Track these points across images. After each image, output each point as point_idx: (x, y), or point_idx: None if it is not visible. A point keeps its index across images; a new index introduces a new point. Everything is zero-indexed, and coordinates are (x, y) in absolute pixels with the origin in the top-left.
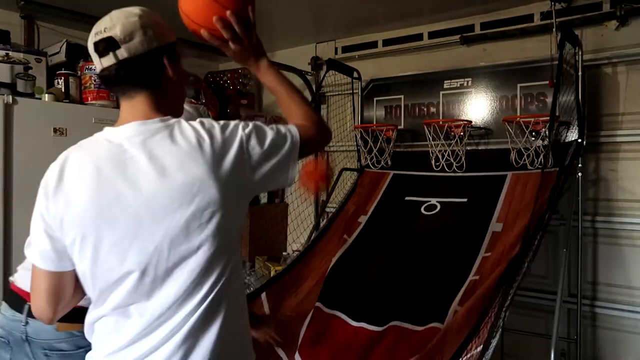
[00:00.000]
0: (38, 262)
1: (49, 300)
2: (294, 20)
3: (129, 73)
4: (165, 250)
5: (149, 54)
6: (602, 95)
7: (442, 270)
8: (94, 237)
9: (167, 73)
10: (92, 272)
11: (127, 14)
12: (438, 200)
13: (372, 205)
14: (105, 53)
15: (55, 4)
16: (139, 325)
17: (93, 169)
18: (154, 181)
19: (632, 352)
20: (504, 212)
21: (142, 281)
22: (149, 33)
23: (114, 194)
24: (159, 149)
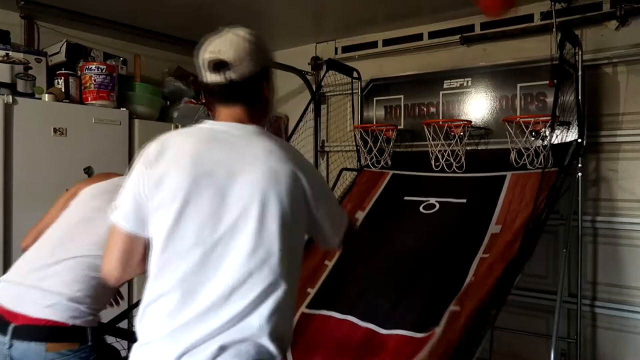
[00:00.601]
0: (120, 222)
1: (119, 260)
2: (294, 20)
3: (233, 91)
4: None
5: (253, 77)
6: (602, 95)
7: (440, 273)
8: (182, 201)
9: (263, 92)
10: (167, 238)
11: (241, 39)
12: (437, 199)
13: (369, 202)
14: (216, 72)
15: (55, 4)
16: (200, 304)
17: (195, 144)
18: (246, 164)
19: (632, 352)
20: (503, 213)
21: (209, 257)
22: (255, 59)
23: (209, 168)
24: (257, 144)
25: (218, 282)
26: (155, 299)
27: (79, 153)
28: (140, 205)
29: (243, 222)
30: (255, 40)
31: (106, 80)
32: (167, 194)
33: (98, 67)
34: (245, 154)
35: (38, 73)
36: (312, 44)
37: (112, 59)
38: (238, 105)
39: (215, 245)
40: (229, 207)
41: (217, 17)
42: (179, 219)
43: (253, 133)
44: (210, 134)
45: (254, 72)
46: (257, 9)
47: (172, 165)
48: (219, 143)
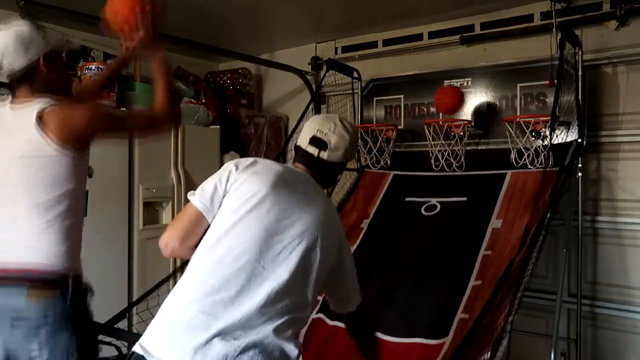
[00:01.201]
0: (195, 199)
1: (180, 232)
2: (294, 20)
3: (317, 164)
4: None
5: (337, 164)
6: (602, 95)
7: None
8: (258, 201)
9: (337, 178)
10: (231, 227)
11: (345, 132)
12: (438, 200)
13: (373, 207)
14: (315, 146)
15: (55, 4)
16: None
17: (280, 169)
18: (313, 204)
19: (632, 352)
20: (503, 209)
21: (256, 267)
22: (348, 153)
23: (286, 191)
24: (322, 194)
25: (270, 281)
26: (205, 275)
27: None
28: (217, 194)
29: (292, 246)
30: (355, 136)
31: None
32: (242, 193)
33: (98, 67)
34: (315, 197)
35: None
36: (312, 44)
37: (112, 59)
38: (312, 171)
39: (276, 246)
40: (286, 228)
41: (218, 17)
42: (250, 214)
43: (317, 186)
44: (291, 169)
45: (340, 161)
46: (258, 9)
47: (257, 175)
48: (299, 178)
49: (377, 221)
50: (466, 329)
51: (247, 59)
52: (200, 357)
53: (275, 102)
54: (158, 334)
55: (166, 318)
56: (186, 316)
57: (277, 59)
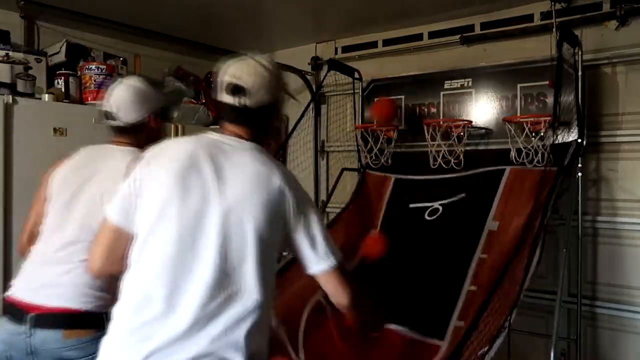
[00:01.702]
0: (111, 214)
1: (103, 251)
2: (294, 20)
3: (242, 114)
4: (220, 228)
5: (265, 106)
6: (602, 95)
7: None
8: (166, 199)
9: (272, 122)
10: (148, 235)
11: (262, 70)
12: (440, 203)
13: (379, 218)
14: (232, 95)
15: (55, 4)
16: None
17: (189, 148)
18: (233, 175)
19: (632, 352)
20: (500, 209)
21: (185, 256)
22: (271, 91)
23: (197, 170)
24: (247, 159)
25: (194, 284)
26: (129, 293)
27: None
28: (129, 201)
29: (219, 226)
30: (275, 72)
31: (106, 80)
32: (153, 193)
33: (98, 67)
34: (238, 163)
35: (38, 73)
36: (312, 44)
37: (112, 59)
38: (244, 127)
39: (193, 244)
40: (211, 211)
41: (218, 17)
42: (161, 217)
43: (250, 148)
44: (209, 142)
45: (268, 102)
46: (257, 9)
47: (164, 166)
48: (214, 150)
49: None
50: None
51: None
52: None
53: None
54: (106, 350)
55: (108, 337)
56: (119, 339)
57: (277, 59)
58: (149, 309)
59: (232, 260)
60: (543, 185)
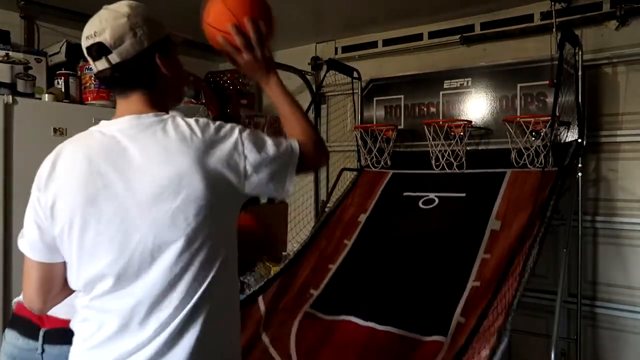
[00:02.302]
0: (28, 253)
1: (38, 291)
2: (294, 20)
3: (122, 75)
4: (150, 241)
5: (141, 55)
6: (602, 95)
7: (442, 273)
8: (80, 225)
9: (160, 71)
10: (78, 260)
11: (115, 14)
12: (436, 194)
13: (371, 203)
14: (98, 58)
15: (55, 4)
16: (120, 319)
17: (84, 158)
18: (143, 172)
19: (632, 352)
20: (502, 208)
21: (126, 272)
22: (139, 33)
23: (103, 183)
24: (150, 141)
25: (136, 295)
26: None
27: None
28: (44, 232)
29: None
30: (135, 12)
31: None
32: (63, 220)
33: None
34: (140, 163)
35: (38, 73)
36: (312, 44)
37: None
38: (134, 92)
39: (125, 270)
40: (133, 219)
41: None
42: (81, 246)
43: (149, 126)
44: (101, 142)
45: (140, 49)
46: None
47: (63, 186)
48: (110, 151)
49: (375, 215)
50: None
51: None
52: None
53: None
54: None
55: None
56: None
57: (277, 59)
58: (103, 334)
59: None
60: (544, 185)
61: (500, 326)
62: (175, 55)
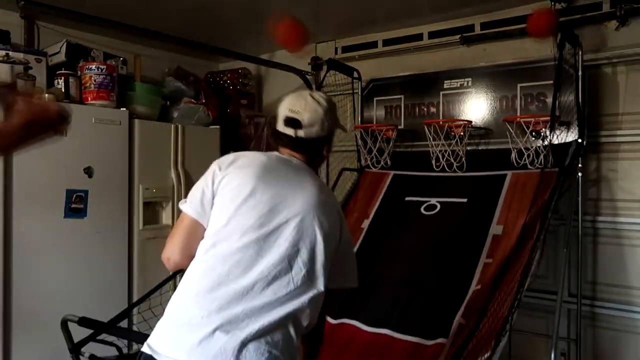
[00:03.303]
0: (187, 209)
1: (182, 244)
2: None
3: (298, 145)
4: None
5: (319, 139)
6: (602, 95)
7: (444, 278)
8: (240, 201)
9: (323, 152)
10: (220, 230)
11: (317, 106)
12: (438, 200)
13: (373, 208)
14: (290, 127)
15: (55, 4)
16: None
17: (263, 159)
18: (303, 186)
19: (632, 352)
20: (504, 213)
21: (259, 250)
22: (325, 125)
23: (272, 178)
24: (310, 174)
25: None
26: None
27: (79, 153)
28: (205, 197)
29: (287, 231)
30: (330, 109)
31: (106, 80)
32: (230, 191)
33: (98, 67)
34: (304, 178)
35: (38, 73)
36: (312, 44)
37: (112, 59)
38: (299, 154)
39: (264, 238)
40: (279, 214)
41: (218, 17)
42: (236, 214)
43: (307, 169)
44: (278, 157)
45: (320, 136)
46: (257, 9)
47: (241, 169)
48: (284, 164)
49: (377, 221)
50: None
51: (247, 59)
52: (201, 350)
53: (275, 102)
54: (163, 334)
55: (169, 318)
56: (186, 315)
57: (277, 59)
58: (224, 287)
59: (299, 259)
60: (544, 186)
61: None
62: (333, 142)
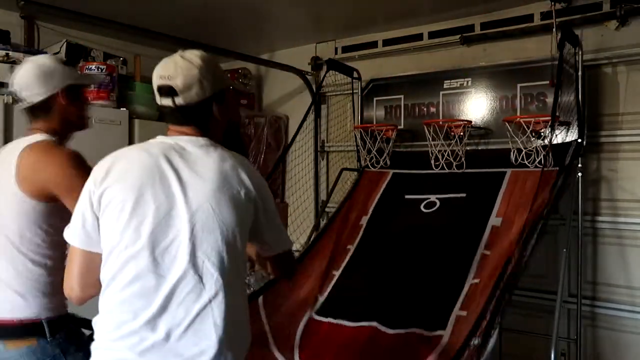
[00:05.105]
0: (73, 240)
1: (78, 278)
2: (294, 20)
3: (182, 114)
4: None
5: (202, 102)
6: (602, 95)
7: (443, 270)
8: (128, 216)
9: (214, 114)
10: (115, 249)
11: (189, 65)
12: (437, 196)
13: (371, 204)
14: (166, 96)
15: (55, 4)
16: (158, 299)
17: (143, 157)
18: (196, 172)
19: (632, 352)
20: (503, 206)
21: (158, 264)
22: (205, 84)
23: (158, 178)
24: (208, 159)
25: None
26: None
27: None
28: (89, 224)
29: (188, 225)
30: (206, 66)
31: (106, 80)
32: (113, 209)
33: (98, 67)
34: (198, 164)
35: None
36: (312, 44)
37: (112, 59)
38: (187, 126)
39: (163, 252)
40: (178, 213)
41: (218, 17)
42: (125, 229)
43: (206, 146)
44: (164, 147)
45: (203, 97)
46: (257, 9)
47: (119, 180)
48: (172, 155)
49: (376, 218)
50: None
51: (247, 59)
52: None
53: (275, 102)
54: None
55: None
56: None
57: (277, 59)
58: (136, 322)
59: (200, 262)
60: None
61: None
62: (231, 100)
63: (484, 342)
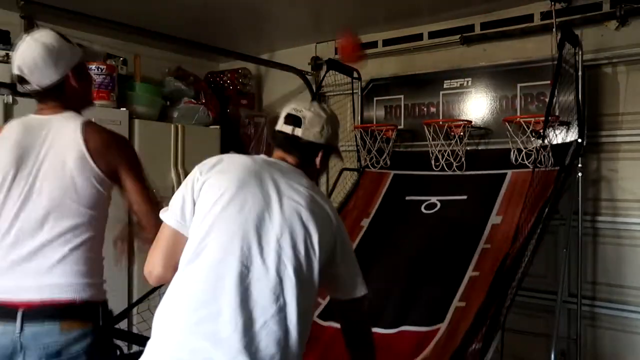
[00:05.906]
0: (167, 219)
1: (164, 257)
2: (294, 20)
3: (293, 144)
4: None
5: (314, 144)
6: (602, 95)
7: (443, 267)
8: (231, 195)
9: (316, 161)
10: (207, 234)
11: (322, 110)
12: (438, 198)
13: (374, 207)
14: (289, 123)
15: (55, 4)
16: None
17: (247, 163)
18: (291, 187)
19: (633, 352)
20: (504, 206)
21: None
22: (325, 131)
23: (263, 180)
24: (302, 181)
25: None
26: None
27: None
28: (187, 206)
29: (274, 240)
30: (333, 118)
31: (106, 80)
32: (212, 195)
33: (98, 67)
34: (293, 180)
35: None
36: (312, 44)
37: (112, 59)
38: (290, 154)
39: (250, 250)
40: (271, 215)
41: (218, 17)
42: (219, 221)
43: (300, 173)
44: (265, 159)
45: (318, 141)
46: (257, 9)
47: (223, 172)
48: (271, 166)
49: (378, 220)
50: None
51: (247, 59)
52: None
53: (275, 102)
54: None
55: (159, 344)
56: (185, 345)
57: (277, 59)
58: (212, 306)
59: (281, 270)
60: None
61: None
62: (330, 155)
63: (486, 347)
